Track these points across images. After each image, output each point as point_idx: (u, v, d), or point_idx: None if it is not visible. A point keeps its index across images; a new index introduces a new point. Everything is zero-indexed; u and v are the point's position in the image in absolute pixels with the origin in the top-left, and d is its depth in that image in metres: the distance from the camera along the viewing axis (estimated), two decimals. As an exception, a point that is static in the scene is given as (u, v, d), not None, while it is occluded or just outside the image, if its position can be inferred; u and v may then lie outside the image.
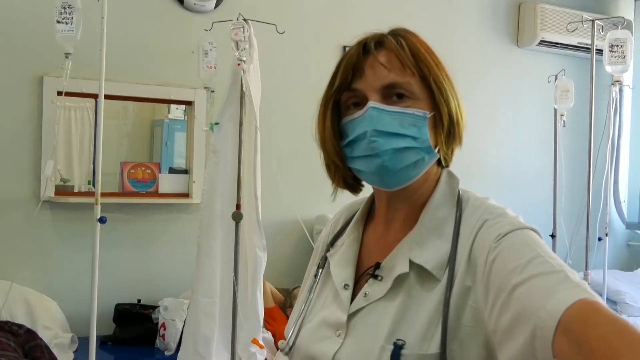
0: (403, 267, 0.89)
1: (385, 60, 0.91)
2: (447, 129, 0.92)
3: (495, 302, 0.78)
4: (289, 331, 1.00)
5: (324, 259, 1.03)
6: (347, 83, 0.93)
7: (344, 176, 0.98)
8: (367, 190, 1.03)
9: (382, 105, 0.89)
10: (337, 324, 0.92)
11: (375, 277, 0.92)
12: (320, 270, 1.03)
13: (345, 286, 0.95)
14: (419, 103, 0.90)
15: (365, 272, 0.95)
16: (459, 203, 0.93)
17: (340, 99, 0.95)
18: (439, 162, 0.96)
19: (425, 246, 0.89)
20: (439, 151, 0.93)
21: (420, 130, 0.90)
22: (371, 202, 1.04)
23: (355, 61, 0.92)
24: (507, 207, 0.90)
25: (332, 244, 1.05)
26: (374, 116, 0.89)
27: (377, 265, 0.93)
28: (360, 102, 0.92)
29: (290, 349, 0.98)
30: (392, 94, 0.90)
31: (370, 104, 0.89)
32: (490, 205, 0.90)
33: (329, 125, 0.95)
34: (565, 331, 0.68)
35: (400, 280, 0.89)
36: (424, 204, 0.94)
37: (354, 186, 1.01)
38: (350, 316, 0.92)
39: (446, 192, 0.94)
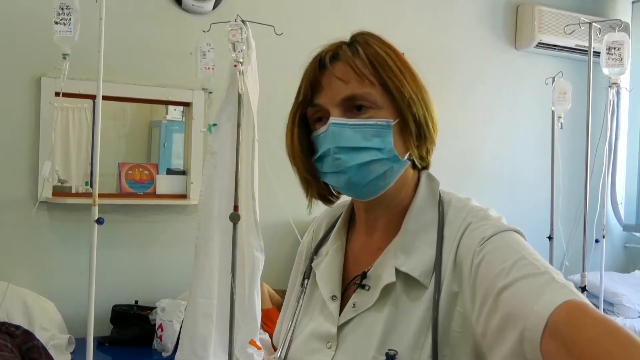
0: (389, 277, 0.88)
1: (341, 73, 0.89)
2: (415, 133, 0.91)
3: (483, 306, 0.77)
4: (280, 344, 0.99)
5: (310, 269, 1.02)
6: (308, 99, 0.92)
7: (318, 189, 0.98)
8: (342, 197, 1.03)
9: (343, 120, 0.88)
10: (327, 335, 0.92)
11: (362, 286, 0.91)
12: (307, 280, 1.02)
13: (333, 297, 0.94)
14: (382, 112, 0.89)
15: (352, 281, 0.94)
16: (440, 205, 0.92)
17: (307, 114, 0.94)
18: (416, 164, 0.95)
19: (410, 253, 0.89)
20: (409, 157, 0.92)
21: (385, 140, 0.88)
22: (352, 207, 1.03)
23: (313, 77, 0.92)
24: (490, 208, 0.90)
25: (316, 252, 1.04)
26: (335, 132, 0.88)
27: (364, 275, 0.92)
28: (324, 116, 0.91)
29: None
30: (353, 106, 0.89)
31: (332, 119, 0.89)
32: (472, 207, 0.90)
33: (297, 141, 0.94)
34: (553, 333, 0.68)
35: (387, 289, 0.89)
36: (404, 209, 0.93)
37: (328, 198, 1.00)
38: (340, 327, 0.91)
39: (427, 195, 0.94)
